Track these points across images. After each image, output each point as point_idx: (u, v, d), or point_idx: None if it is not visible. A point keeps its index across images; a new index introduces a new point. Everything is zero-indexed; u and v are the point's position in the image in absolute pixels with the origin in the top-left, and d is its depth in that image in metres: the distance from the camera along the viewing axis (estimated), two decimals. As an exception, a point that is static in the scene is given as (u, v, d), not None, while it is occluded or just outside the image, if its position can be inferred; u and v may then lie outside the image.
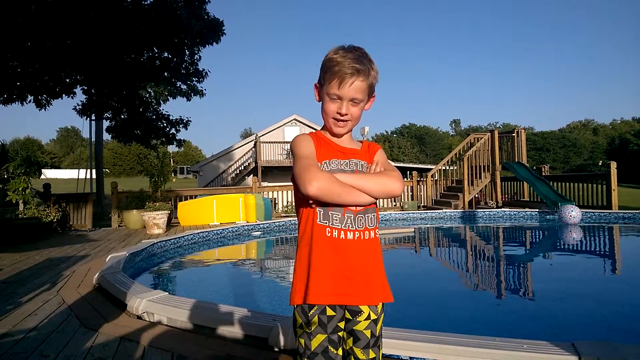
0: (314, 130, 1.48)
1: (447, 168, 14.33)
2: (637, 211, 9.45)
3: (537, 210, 10.42)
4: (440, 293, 4.50)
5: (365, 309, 1.32)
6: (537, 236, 8.93)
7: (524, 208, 11.14)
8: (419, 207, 13.24)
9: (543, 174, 12.24)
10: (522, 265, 5.92)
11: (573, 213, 8.80)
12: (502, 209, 11.05)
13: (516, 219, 10.33)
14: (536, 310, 3.82)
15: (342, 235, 1.29)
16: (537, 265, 6.05)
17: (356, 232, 1.31)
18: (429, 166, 27.77)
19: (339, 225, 1.30)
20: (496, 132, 13.05)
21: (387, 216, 10.61)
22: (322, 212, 1.30)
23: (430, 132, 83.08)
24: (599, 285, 4.68)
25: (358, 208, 1.32)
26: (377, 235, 1.38)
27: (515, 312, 3.80)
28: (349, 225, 1.31)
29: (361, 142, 1.51)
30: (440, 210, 11.30)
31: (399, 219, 10.69)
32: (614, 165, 9.97)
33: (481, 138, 13.16)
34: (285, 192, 12.89)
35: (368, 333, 1.32)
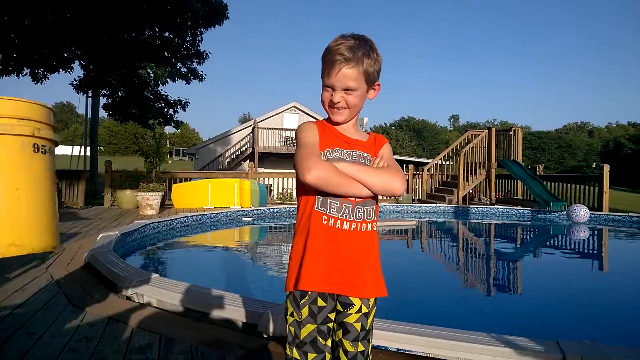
0: (313, 119, 1.47)
1: (444, 163, 14.35)
2: (627, 214, 9.54)
3: (529, 208, 10.48)
4: (429, 287, 4.53)
5: (356, 302, 1.32)
6: (528, 234, 9.00)
7: (517, 206, 11.20)
8: (413, 200, 13.29)
9: (537, 173, 12.29)
10: (511, 262, 5.97)
11: (582, 212, 8.83)
12: (495, 206, 11.11)
13: (508, 216, 10.39)
14: (523, 308, 3.86)
15: (339, 225, 1.29)
16: (526, 263, 6.11)
17: (353, 223, 1.30)
18: (425, 160, 27.79)
19: (336, 214, 1.29)
20: (493, 130, 13.06)
21: (380, 207, 10.63)
22: (320, 200, 1.30)
23: (428, 127, 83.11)
24: (586, 285, 4.73)
25: (357, 199, 1.31)
26: (375, 229, 1.37)
27: (502, 309, 3.84)
28: (346, 215, 1.30)
29: (368, 133, 1.48)
30: (434, 205, 11.34)
31: (393, 211, 10.72)
32: (607, 168, 10.02)
33: (478, 135, 13.17)
34: (281, 179, 12.87)
35: (358, 326, 1.32)
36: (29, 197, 1.79)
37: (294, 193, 13.26)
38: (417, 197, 13.66)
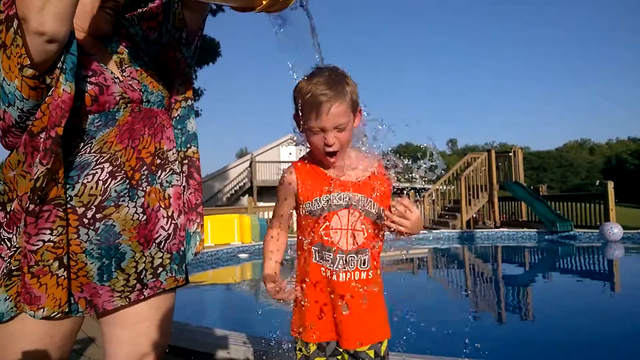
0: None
1: (445, 188, 14.24)
2: (637, 231, 9.33)
3: (535, 230, 10.28)
4: (438, 314, 4.33)
5: (369, 352, 1.31)
6: (536, 257, 8.78)
7: (522, 228, 11.00)
8: (416, 227, 13.08)
9: (541, 193, 12.15)
10: (521, 287, 5.76)
11: (614, 230, 8.59)
12: (501, 229, 10.92)
13: (515, 239, 10.19)
14: (538, 335, 3.66)
15: (335, 277, 1.29)
16: (536, 287, 5.89)
17: (348, 273, 1.30)
18: (427, 186, 27.71)
19: (331, 267, 1.30)
20: (493, 152, 13.00)
21: (386, 237, 10.44)
22: (316, 251, 1.31)
23: (427, 152, 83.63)
24: (599, 308, 4.52)
25: (349, 248, 1.30)
26: (375, 275, 1.34)
27: (515, 336, 3.65)
28: (340, 267, 1.30)
29: (368, 160, 1.36)
30: (439, 231, 11.16)
31: (396, 240, 10.52)
32: (611, 184, 9.90)
33: (478, 157, 13.11)
34: (281, 212, 12.73)
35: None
36: None
37: (294, 226, 13.06)
38: (420, 224, 13.46)
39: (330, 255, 1.29)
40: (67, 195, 1.08)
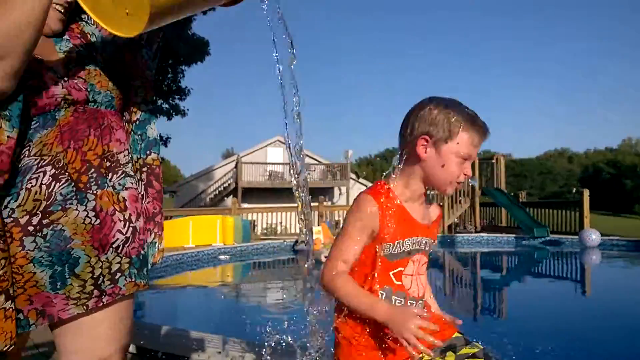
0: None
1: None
2: (608, 237, 9.61)
3: (513, 235, 10.50)
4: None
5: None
6: (512, 261, 8.97)
7: (502, 233, 11.21)
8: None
9: (521, 200, 12.41)
10: (497, 290, 5.89)
11: (592, 237, 8.85)
12: (481, 234, 11.11)
13: (494, 243, 10.38)
14: (515, 338, 3.76)
15: None
16: (512, 290, 6.03)
17: None
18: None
19: None
20: (477, 159, 13.22)
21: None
22: (383, 295, 1.20)
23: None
24: (575, 311, 4.65)
25: (419, 295, 1.25)
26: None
27: (489, 339, 3.73)
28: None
29: (430, 202, 1.34)
30: (419, 235, 11.29)
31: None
32: (586, 192, 10.19)
33: (460, 163, 13.31)
34: (265, 215, 12.74)
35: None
36: None
37: (279, 228, 13.11)
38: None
39: (400, 302, 1.20)
40: (9, 208, 1.04)
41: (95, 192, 1.12)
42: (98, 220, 1.11)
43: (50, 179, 1.07)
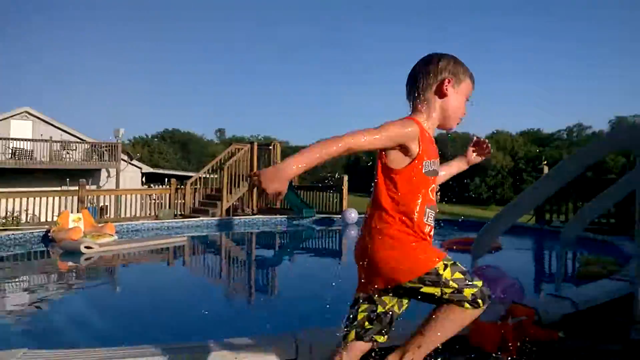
0: (52, 127, 1.03)
1: (209, 176, 14.29)
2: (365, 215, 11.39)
3: (286, 216, 11.36)
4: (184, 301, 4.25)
5: None
6: (285, 240, 9.73)
7: (276, 215, 12.00)
8: (175, 215, 12.72)
9: (293, 183, 13.49)
10: (263, 267, 6.27)
11: (352, 215, 10.00)
12: (257, 216, 11.63)
13: (268, 224, 11.03)
14: (272, 306, 4.03)
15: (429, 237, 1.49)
16: (282, 266, 6.50)
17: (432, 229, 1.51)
18: (191, 174, 27.26)
19: (432, 223, 1.50)
20: (256, 144, 13.80)
21: (139, 226, 9.74)
22: (429, 212, 1.48)
23: (194, 139, 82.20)
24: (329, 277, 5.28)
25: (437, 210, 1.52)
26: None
27: (248, 311, 3.92)
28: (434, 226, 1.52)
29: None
30: (198, 219, 11.12)
31: (153, 229, 9.94)
32: (345, 177, 11.86)
33: (242, 149, 13.65)
34: (4, 200, 10.36)
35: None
36: None
37: (23, 217, 10.88)
38: (180, 212, 13.15)
39: (433, 215, 1.47)
40: None
41: None
42: None
43: None
